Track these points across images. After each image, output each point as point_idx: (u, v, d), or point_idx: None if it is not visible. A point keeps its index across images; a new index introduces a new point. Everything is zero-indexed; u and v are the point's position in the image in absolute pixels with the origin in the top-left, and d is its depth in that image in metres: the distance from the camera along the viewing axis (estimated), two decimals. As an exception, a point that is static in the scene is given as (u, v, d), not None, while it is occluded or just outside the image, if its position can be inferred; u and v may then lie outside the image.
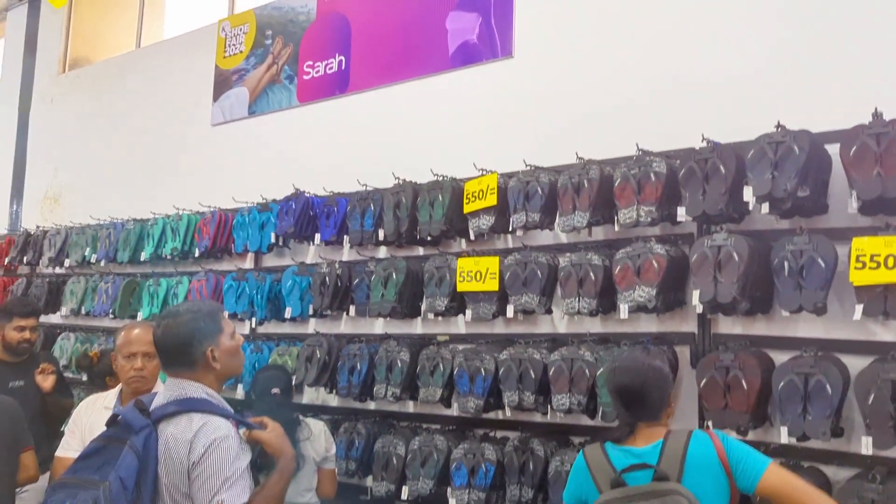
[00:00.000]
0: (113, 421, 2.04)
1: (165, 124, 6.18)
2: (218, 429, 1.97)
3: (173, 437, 1.94)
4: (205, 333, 2.06)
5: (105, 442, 2.00)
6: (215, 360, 2.05)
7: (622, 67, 3.79)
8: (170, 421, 1.97)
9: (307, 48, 5.24)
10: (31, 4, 7.71)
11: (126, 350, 2.76)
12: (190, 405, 2.01)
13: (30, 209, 7.28)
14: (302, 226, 4.69)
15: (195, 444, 1.93)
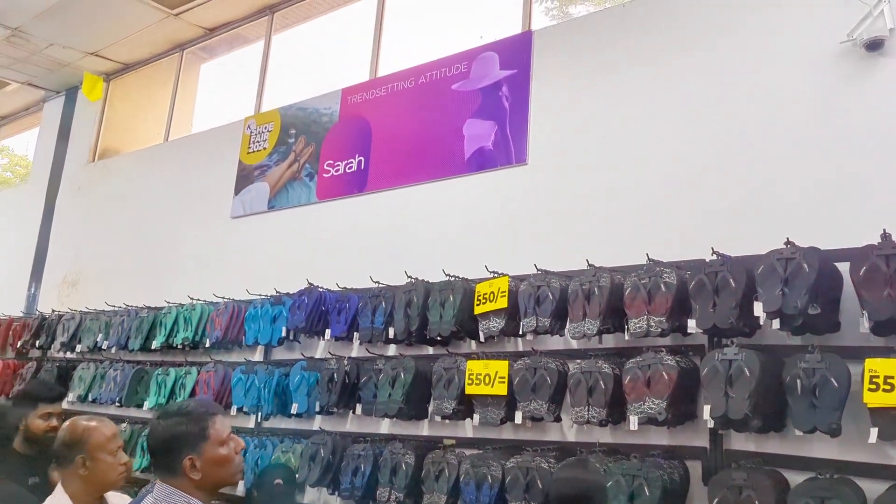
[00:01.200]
0: None
1: (186, 215, 6.33)
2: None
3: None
4: (185, 440, 1.92)
5: None
6: (194, 470, 1.90)
7: (633, 177, 3.88)
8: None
9: (328, 148, 5.41)
10: (68, 96, 8.06)
11: (114, 444, 2.53)
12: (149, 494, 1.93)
13: (47, 293, 7.37)
14: (313, 321, 4.70)
15: None
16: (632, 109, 3.99)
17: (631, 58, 4.06)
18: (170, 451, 1.93)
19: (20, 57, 7.31)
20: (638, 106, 3.97)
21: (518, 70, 4.45)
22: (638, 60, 4.03)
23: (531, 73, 4.39)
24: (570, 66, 4.31)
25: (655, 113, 3.90)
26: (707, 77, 3.77)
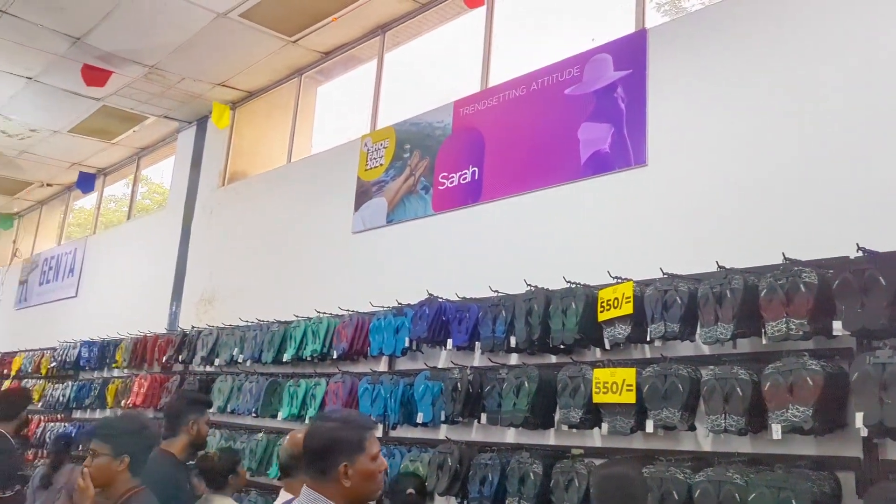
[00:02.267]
0: None
1: (311, 232, 6.59)
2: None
3: None
4: (344, 447, 1.98)
5: None
6: (346, 478, 1.95)
7: (762, 172, 3.69)
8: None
9: (443, 160, 5.49)
10: (199, 125, 8.61)
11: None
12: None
13: (187, 310, 7.87)
14: (435, 331, 4.77)
15: None
16: (756, 101, 3.80)
17: (751, 48, 3.88)
18: (327, 454, 1.97)
19: (157, 92, 7.88)
20: (762, 97, 3.78)
21: (633, 70, 4.35)
22: (758, 50, 3.84)
23: (647, 72, 4.28)
24: (687, 61, 4.17)
25: (782, 103, 3.70)
26: (836, 63, 3.53)
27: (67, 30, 6.67)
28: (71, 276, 10.49)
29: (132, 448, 2.76)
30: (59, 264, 10.96)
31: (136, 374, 7.71)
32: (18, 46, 6.99)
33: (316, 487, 1.97)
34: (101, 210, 11.48)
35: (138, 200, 11.38)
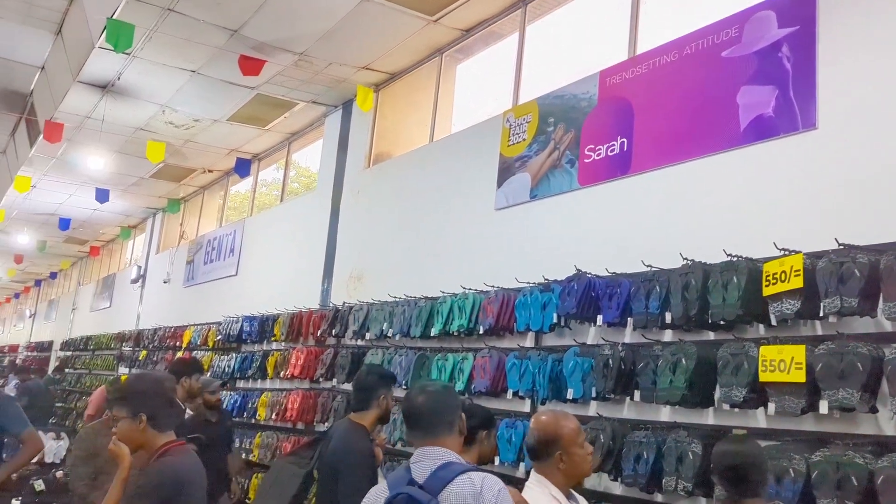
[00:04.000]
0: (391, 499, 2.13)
1: (454, 209, 6.68)
2: (497, 481, 2.17)
3: (461, 496, 2.09)
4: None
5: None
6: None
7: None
8: (448, 487, 2.11)
9: (588, 132, 5.37)
10: (345, 109, 8.93)
11: (582, 437, 2.66)
12: (460, 467, 2.18)
13: (337, 287, 8.24)
14: (583, 307, 4.71)
15: (484, 495, 2.10)
16: (951, 53, 3.42)
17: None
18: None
19: (305, 78, 8.24)
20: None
21: (800, 26, 4.04)
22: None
23: (817, 27, 3.96)
24: (862, 14, 3.81)
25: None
26: None
27: (225, 23, 7.10)
28: (231, 256, 11.26)
29: (147, 406, 2.80)
30: (220, 245, 11.80)
31: (293, 347, 8.18)
32: (184, 42, 7.52)
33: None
34: (255, 194, 12.21)
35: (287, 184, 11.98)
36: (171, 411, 2.89)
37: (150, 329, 13.32)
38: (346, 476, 3.25)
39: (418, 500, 2.08)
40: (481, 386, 5.32)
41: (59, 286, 24.59)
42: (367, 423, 3.55)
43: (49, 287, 25.74)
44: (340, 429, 3.55)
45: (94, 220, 16.19)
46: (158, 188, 13.53)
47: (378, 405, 3.58)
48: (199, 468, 2.84)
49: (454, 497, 2.09)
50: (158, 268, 14.43)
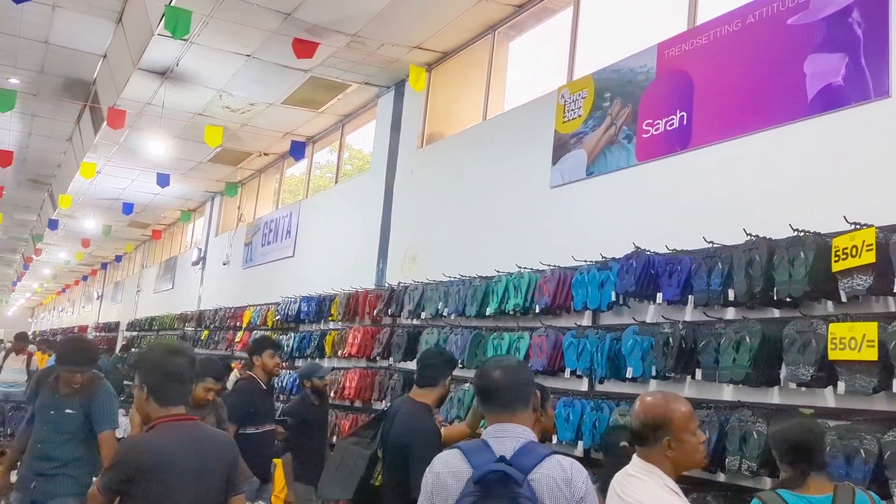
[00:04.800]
0: (484, 477, 2.08)
1: (507, 188, 6.64)
2: (582, 468, 2.17)
3: (552, 479, 2.08)
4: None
5: (482, 496, 2.08)
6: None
7: None
8: (538, 468, 2.09)
9: (646, 107, 5.25)
10: (397, 89, 8.94)
11: (694, 423, 2.38)
12: (545, 449, 2.18)
13: (392, 267, 8.30)
14: (642, 285, 4.64)
15: (575, 482, 2.10)
16: None
17: None
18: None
19: (358, 59, 8.27)
20: None
21: (873, -11, 3.85)
22: None
23: (891, -11, 3.77)
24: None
25: None
26: None
27: (279, 6, 7.16)
28: (288, 238, 11.46)
29: (149, 378, 2.73)
30: (277, 227, 12.01)
31: (349, 327, 8.30)
32: (239, 27, 7.62)
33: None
34: (310, 176, 12.36)
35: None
36: (174, 386, 2.74)
37: (210, 310, 13.68)
38: (415, 455, 3.23)
39: (514, 479, 2.05)
40: (538, 365, 5.31)
41: (123, 269, 25.47)
42: (431, 401, 3.58)
43: (114, 270, 26.68)
44: (403, 408, 3.57)
45: (155, 205, 16.67)
46: (216, 172, 13.82)
47: (443, 385, 3.63)
48: (176, 446, 2.65)
49: (546, 479, 2.07)
50: (218, 250, 14.79)
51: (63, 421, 4.22)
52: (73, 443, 4.20)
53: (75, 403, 4.22)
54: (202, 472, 2.67)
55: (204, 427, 2.84)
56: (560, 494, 2.06)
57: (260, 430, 5.11)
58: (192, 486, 2.64)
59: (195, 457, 2.66)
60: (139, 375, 2.74)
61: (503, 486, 2.06)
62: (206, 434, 2.81)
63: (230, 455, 2.80)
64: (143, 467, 2.57)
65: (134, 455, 2.63)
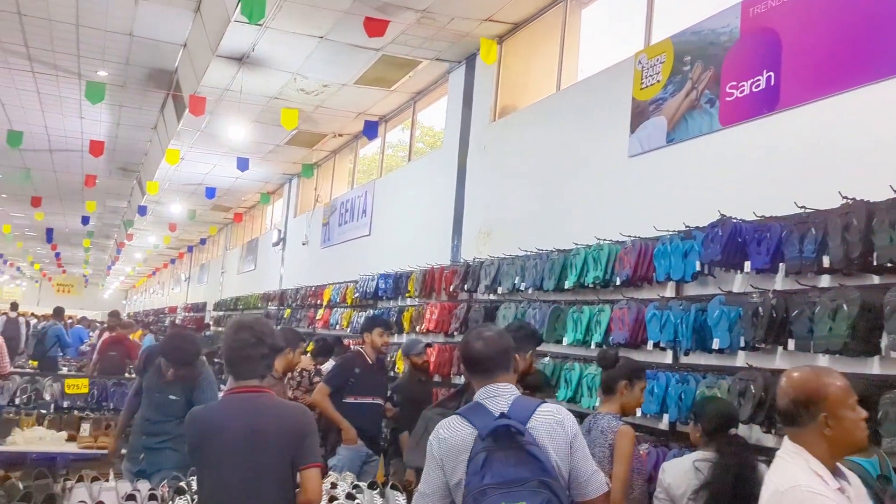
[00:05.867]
0: (493, 432, 2.35)
1: (584, 159, 6.52)
2: (560, 408, 2.55)
3: (548, 424, 2.42)
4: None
5: (493, 449, 2.34)
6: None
7: None
8: (533, 416, 2.43)
9: (730, 69, 5.04)
10: (468, 64, 8.88)
11: (852, 397, 2.21)
12: (534, 401, 2.53)
13: (467, 243, 8.31)
14: (729, 253, 4.48)
15: (566, 423, 2.46)
16: None
17: None
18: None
19: (428, 35, 8.25)
20: None
21: (983, -72, 3.56)
22: None
23: None
24: None
25: None
26: None
27: (350, -14, 7.21)
28: (364, 217, 11.62)
29: (223, 354, 2.98)
30: (353, 206, 12.20)
31: (427, 303, 8.37)
32: (311, 8, 7.71)
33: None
34: (383, 155, 12.47)
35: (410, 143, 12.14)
36: (239, 361, 2.86)
37: (292, 289, 14.08)
38: None
39: (518, 430, 2.35)
40: (620, 338, 5.23)
41: (208, 251, 26.47)
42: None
43: (200, 252, 27.76)
44: None
45: (236, 188, 17.18)
46: (293, 154, 14.12)
47: (524, 358, 3.65)
48: (228, 417, 2.80)
49: (543, 426, 2.41)
50: (297, 231, 15.16)
51: (166, 405, 4.54)
52: (175, 421, 4.44)
53: (178, 390, 4.53)
54: (255, 443, 2.74)
55: (268, 399, 2.88)
56: (556, 435, 2.41)
57: (358, 401, 5.34)
58: (243, 455, 2.74)
59: (247, 428, 2.75)
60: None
61: (509, 437, 2.35)
62: (268, 405, 2.85)
63: (297, 426, 2.81)
64: (201, 435, 2.79)
65: (190, 425, 2.85)
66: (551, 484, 2.30)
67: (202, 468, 2.83)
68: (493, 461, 2.31)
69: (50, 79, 11.04)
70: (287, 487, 2.79)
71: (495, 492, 2.26)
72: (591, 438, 3.59)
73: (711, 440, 3.40)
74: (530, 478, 2.29)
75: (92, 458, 6.28)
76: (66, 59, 10.27)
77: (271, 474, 2.76)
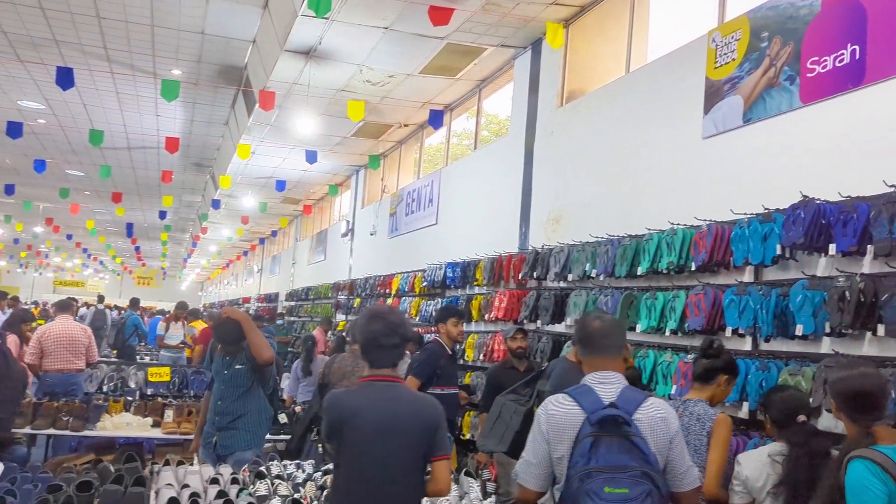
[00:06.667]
0: (602, 420, 2.48)
1: (655, 142, 6.36)
2: (666, 404, 2.66)
3: (653, 418, 2.54)
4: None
5: (600, 435, 2.47)
6: None
7: None
8: (640, 408, 2.54)
9: (810, 43, 4.82)
10: (534, 49, 8.77)
11: None
12: (641, 393, 2.62)
13: (535, 230, 8.25)
14: (812, 236, 4.31)
15: (669, 420, 2.58)
16: None
17: None
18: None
19: (493, 22, 8.19)
20: None
21: None
22: None
23: None
24: None
25: None
26: None
27: (414, -24, 7.22)
28: (430, 206, 11.67)
29: (359, 342, 3.06)
30: (419, 196, 12.26)
31: (495, 291, 8.35)
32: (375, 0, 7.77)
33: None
34: (449, 144, 12.48)
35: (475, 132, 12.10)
36: (374, 349, 2.97)
37: (361, 278, 14.27)
38: None
39: (625, 420, 2.47)
40: (695, 324, 5.10)
41: (279, 243, 27.11)
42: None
43: (271, 244, 28.46)
44: (559, 367, 3.59)
45: (305, 180, 17.52)
46: (360, 146, 14.28)
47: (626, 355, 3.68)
48: (367, 403, 2.88)
49: (648, 419, 2.53)
50: (364, 221, 15.36)
51: (235, 376, 4.84)
52: (246, 396, 4.82)
53: (243, 358, 4.84)
54: (392, 430, 2.84)
55: (402, 388, 3.04)
56: (658, 429, 2.53)
57: (445, 391, 5.44)
58: (381, 442, 2.83)
59: (385, 415, 2.85)
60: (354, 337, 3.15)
61: (616, 426, 2.47)
62: (404, 395, 2.99)
63: (432, 417, 2.92)
64: (341, 418, 2.86)
65: (330, 407, 2.93)
66: (653, 475, 2.40)
67: (342, 449, 2.89)
68: (601, 446, 2.43)
69: (127, 78, 11.48)
70: (419, 476, 2.91)
71: (600, 475, 2.38)
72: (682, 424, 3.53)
73: (782, 430, 3.30)
74: (634, 466, 2.40)
75: (175, 443, 6.56)
76: (142, 58, 10.66)
77: (406, 462, 2.87)
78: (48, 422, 6.32)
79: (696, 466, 2.66)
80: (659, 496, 2.40)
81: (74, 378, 8.02)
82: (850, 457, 2.48)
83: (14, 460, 5.03)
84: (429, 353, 5.68)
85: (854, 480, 2.40)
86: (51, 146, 16.04)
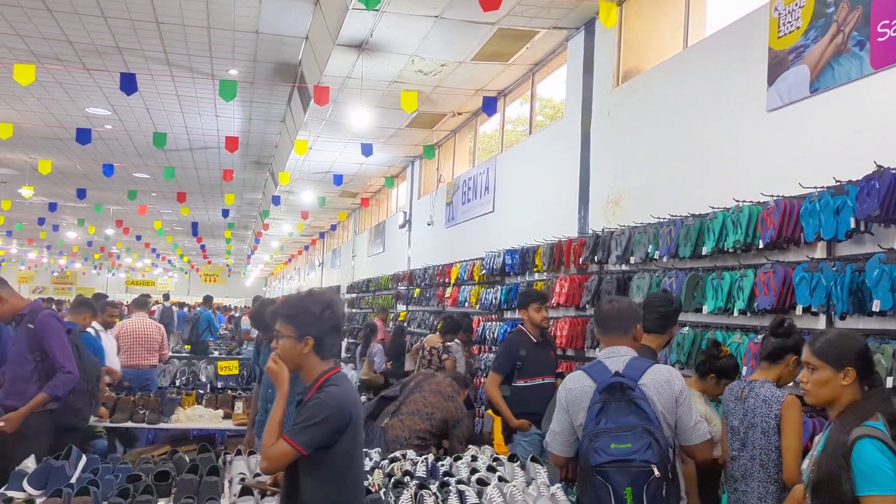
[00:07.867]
0: (607, 387, 2.93)
1: (716, 118, 6.17)
2: (670, 369, 3.11)
3: (657, 381, 2.96)
4: None
5: (607, 400, 2.90)
6: None
7: None
8: (644, 375, 2.98)
9: (881, 5, 4.58)
10: (587, 29, 8.62)
11: None
12: (647, 362, 3.06)
13: (594, 213, 8.12)
14: (889, 208, 4.11)
15: (673, 382, 2.99)
16: None
17: None
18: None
19: (544, 3, 8.07)
20: None
21: None
22: None
23: None
24: None
25: None
26: None
27: (463, -38, 7.16)
28: (487, 194, 11.63)
29: (315, 330, 2.64)
30: (475, 184, 12.23)
31: (555, 276, 8.27)
32: (425, -12, 7.75)
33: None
34: (503, 130, 12.39)
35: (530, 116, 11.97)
36: (336, 339, 2.75)
37: (420, 269, 14.35)
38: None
39: (629, 385, 2.89)
40: (765, 303, 4.94)
41: (338, 236, 27.49)
42: (656, 345, 3.61)
43: (331, 238, 28.89)
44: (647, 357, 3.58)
45: (361, 173, 17.68)
46: (414, 136, 14.32)
47: (670, 332, 3.71)
48: (357, 397, 2.82)
49: (652, 383, 2.94)
50: (421, 211, 15.42)
51: None
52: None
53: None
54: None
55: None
56: (664, 391, 2.94)
57: (529, 383, 5.24)
58: (361, 436, 2.91)
59: (361, 406, 2.89)
60: (300, 326, 2.68)
61: (621, 391, 2.90)
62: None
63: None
64: (350, 419, 2.66)
65: (342, 409, 2.64)
66: (653, 431, 2.80)
67: (347, 449, 2.69)
68: (608, 409, 2.86)
69: (186, 81, 11.78)
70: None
71: (607, 435, 2.80)
72: (746, 406, 3.43)
73: None
74: (638, 424, 2.80)
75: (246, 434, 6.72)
76: (199, 60, 10.91)
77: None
78: (126, 415, 6.58)
79: (705, 422, 3.07)
80: (658, 448, 2.76)
81: (148, 373, 8.32)
82: (857, 436, 2.37)
83: (96, 453, 5.25)
84: (506, 346, 5.46)
85: (867, 461, 2.30)
86: (117, 150, 16.62)
